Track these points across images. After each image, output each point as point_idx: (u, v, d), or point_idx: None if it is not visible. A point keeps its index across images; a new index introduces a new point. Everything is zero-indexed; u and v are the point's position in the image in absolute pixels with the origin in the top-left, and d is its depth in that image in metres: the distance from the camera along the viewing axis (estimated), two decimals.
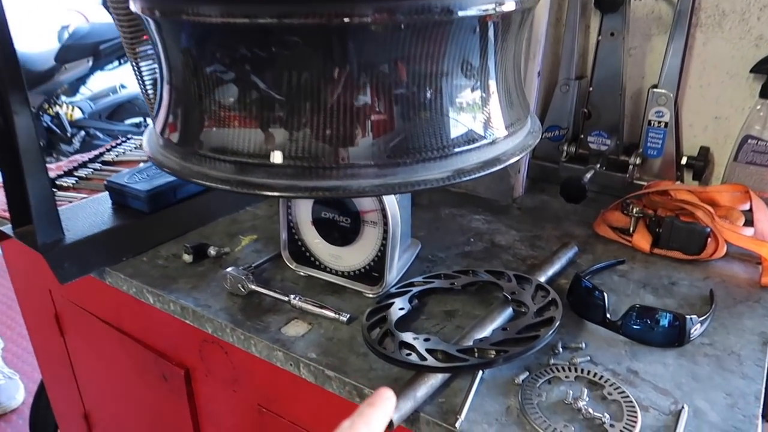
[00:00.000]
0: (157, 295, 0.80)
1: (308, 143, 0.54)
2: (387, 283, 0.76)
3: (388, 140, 0.54)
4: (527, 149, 0.64)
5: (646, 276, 0.82)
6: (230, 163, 0.56)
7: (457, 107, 0.56)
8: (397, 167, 0.55)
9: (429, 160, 0.56)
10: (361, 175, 0.54)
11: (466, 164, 0.58)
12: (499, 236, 0.93)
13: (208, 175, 0.57)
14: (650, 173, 1.05)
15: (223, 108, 0.56)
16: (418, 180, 0.55)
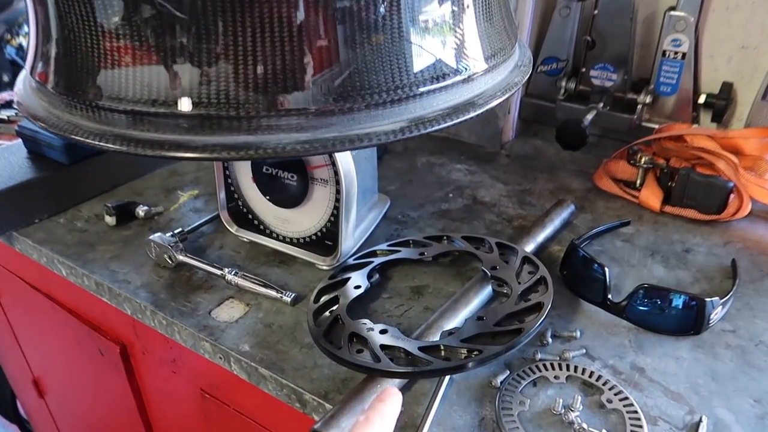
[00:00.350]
0: (69, 267, 0.67)
1: (208, 82, 0.39)
2: (343, 253, 0.63)
3: (321, 77, 0.39)
4: (512, 89, 0.49)
5: (655, 241, 0.68)
6: (108, 111, 0.41)
7: (418, 27, 0.41)
8: (332, 116, 0.40)
9: (377, 106, 0.41)
10: (281, 128, 0.40)
11: (428, 110, 0.43)
12: (483, 191, 0.79)
13: (78, 126, 0.43)
14: (662, 114, 0.90)
15: (92, 33, 0.40)
16: (360, 134, 0.41)
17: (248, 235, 0.68)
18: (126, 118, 0.41)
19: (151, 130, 0.41)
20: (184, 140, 0.40)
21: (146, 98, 0.40)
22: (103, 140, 0.41)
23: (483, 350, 0.48)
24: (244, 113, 0.39)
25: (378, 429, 0.36)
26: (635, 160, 0.77)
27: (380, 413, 0.37)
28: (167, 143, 0.40)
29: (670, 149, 0.78)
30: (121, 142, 0.41)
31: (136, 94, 0.40)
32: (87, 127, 0.42)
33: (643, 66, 0.92)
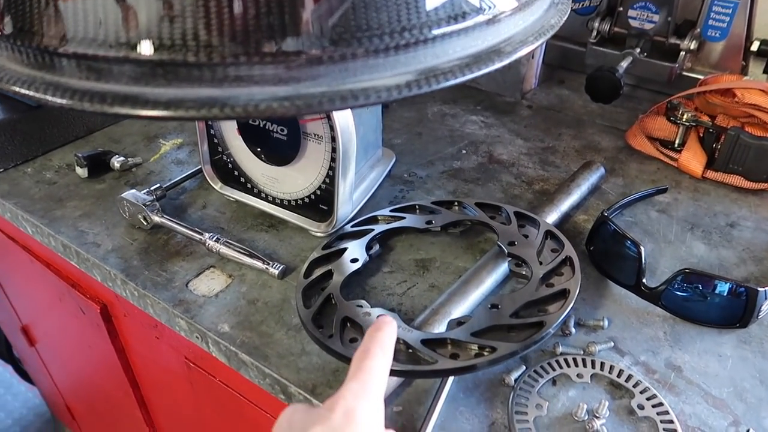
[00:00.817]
0: (34, 225, 0.60)
1: (160, 17, 0.30)
2: (339, 219, 0.55)
3: (306, 13, 0.30)
4: (547, 33, 0.40)
5: (696, 212, 0.60)
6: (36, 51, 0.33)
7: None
8: (319, 65, 0.32)
9: (377, 53, 0.32)
10: (254, 79, 0.31)
11: (442, 59, 0.34)
12: (501, 147, 0.71)
13: (3, 68, 0.34)
14: (707, 63, 0.80)
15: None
16: (355, 89, 0.32)
17: (234, 194, 0.61)
18: (60, 61, 0.32)
19: (91, 78, 0.32)
20: (132, 93, 0.32)
21: (83, 36, 0.31)
22: (33, 88, 0.33)
23: (497, 348, 0.41)
24: (206, 59, 0.31)
25: (379, 358, 0.34)
26: (675, 116, 0.68)
27: (379, 342, 0.35)
28: (110, 96, 0.32)
29: (716, 105, 0.68)
30: (54, 92, 0.32)
31: (72, 30, 0.32)
32: (13, 71, 0.34)
33: (689, 5, 0.81)
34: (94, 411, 1.13)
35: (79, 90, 0.32)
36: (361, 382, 0.32)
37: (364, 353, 0.35)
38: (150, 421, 0.90)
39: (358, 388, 0.32)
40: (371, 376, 0.33)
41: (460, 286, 0.48)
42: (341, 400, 0.31)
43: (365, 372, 0.33)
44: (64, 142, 0.71)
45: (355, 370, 0.33)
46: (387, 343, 0.36)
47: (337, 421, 0.30)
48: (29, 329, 1.10)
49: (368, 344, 0.35)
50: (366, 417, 0.31)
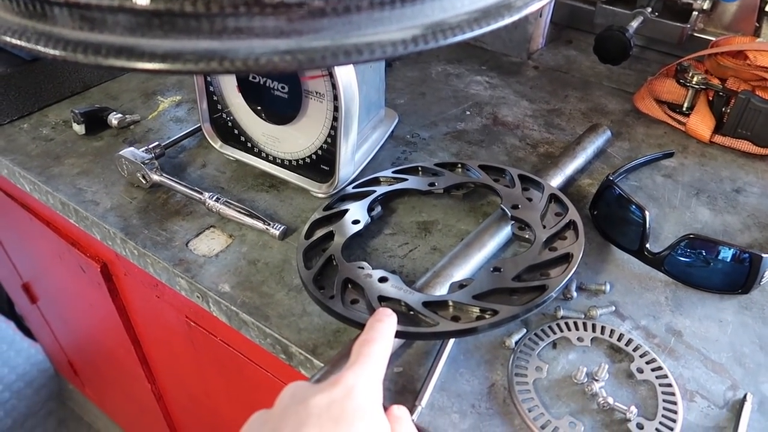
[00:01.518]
0: (32, 182, 0.59)
1: None
2: (341, 180, 0.54)
3: None
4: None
5: (702, 177, 0.59)
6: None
7: None
8: (322, 17, 0.30)
9: (383, 5, 0.31)
10: (255, 31, 0.30)
11: (449, 13, 0.33)
12: (506, 109, 0.69)
13: None
14: (719, 24, 0.78)
15: None
16: (359, 44, 0.31)
17: (234, 153, 0.60)
18: (52, 9, 0.31)
19: (85, 28, 0.31)
20: (127, 44, 0.30)
21: None
22: (23, 38, 0.32)
23: (498, 311, 0.40)
24: (205, 9, 0.29)
25: (379, 345, 0.36)
26: (685, 78, 0.66)
27: (379, 331, 0.37)
28: (105, 47, 0.31)
29: (727, 67, 0.66)
30: (46, 42, 0.31)
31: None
32: (2, 19, 0.33)
33: None
34: (96, 367, 1.15)
35: (72, 41, 0.31)
36: (362, 365, 0.34)
37: (364, 341, 0.36)
38: (151, 378, 0.91)
39: (359, 369, 0.34)
40: (371, 360, 0.34)
41: (462, 248, 0.48)
42: (342, 379, 0.33)
43: (366, 357, 0.35)
44: (61, 98, 0.69)
45: (356, 356, 0.35)
46: (387, 333, 0.37)
47: (338, 394, 0.32)
48: (30, 287, 1.11)
49: (369, 333, 0.37)
50: (365, 394, 0.32)
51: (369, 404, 0.32)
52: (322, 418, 0.31)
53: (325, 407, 0.31)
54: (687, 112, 0.67)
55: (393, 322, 0.38)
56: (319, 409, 0.31)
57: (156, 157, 0.58)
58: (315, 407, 0.31)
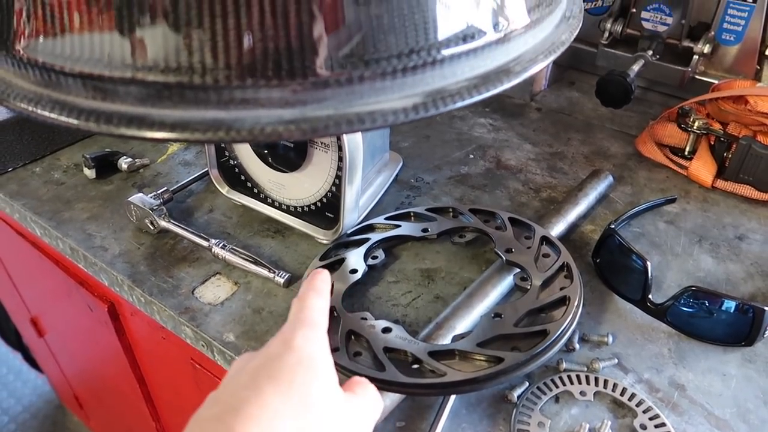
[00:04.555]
0: (43, 227, 0.60)
1: (166, 39, 0.30)
2: (345, 227, 0.55)
3: (312, 37, 0.30)
4: (558, 50, 0.39)
5: (704, 224, 0.60)
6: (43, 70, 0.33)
7: None
8: (326, 88, 0.31)
9: (385, 75, 0.32)
10: (261, 102, 0.31)
11: (449, 80, 0.34)
12: (509, 152, 0.70)
13: (9, 84, 0.34)
14: (720, 66, 0.79)
15: None
16: (361, 112, 0.32)
17: (241, 199, 0.61)
18: (68, 80, 0.32)
19: (98, 98, 0.32)
20: (138, 114, 0.32)
21: (89, 56, 0.31)
22: (39, 106, 0.33)
23: (504, 358, 0.41)
24: (213, 82, 0.30)
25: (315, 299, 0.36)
26: (686, 123, 0.67)
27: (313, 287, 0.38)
28: (117, 116, 0.32)
29: (728, 112, 0.67)
30: (60, 111, 0.32)
31: (79, 50, 0.31)
32: (20, 88, 0.34)
33: (703, 6, 0.79)
34: (101, 401, 1.15)
35: (85, 109, 0.32)
36: (299, 317, 0.34)
37: (300, 299, 0.36)
38: (156, 416, 0.91)
39: (295, 321, 0.34)
40: (309, 312, 0.35)
41: (465, 299, 0.48)
42: (279, 334, 0.33)
43: (302, 310, 0.35)
44: (72, 141, 0.71)
45: (294, 312, 0.35)
46: (321, 287, 0.38)
47: (275, 350, 0.31)
48: (38, 321, 1.12)
49: (303, 291, 0.37)
50: (305, 346, 0.32)
51: (311, 356, 0.32)
52: (259, 377, 0.30)
53: (262, 366, 0.31)
54: (689, 156, 0.67)
55: (326, 276, 0.40)
56: (255, 370, 0.30)
57: (164, 203, 0.59)
58: (252, 369, 0.31)
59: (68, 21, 0.31)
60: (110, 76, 0.31)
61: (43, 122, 0.33)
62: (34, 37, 0.32)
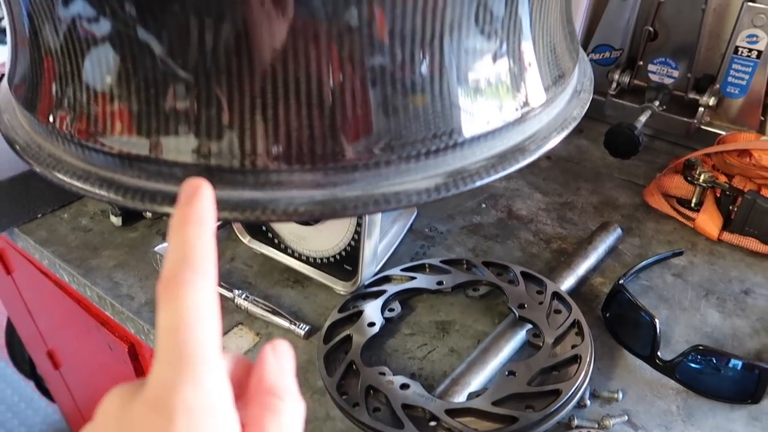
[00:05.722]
0: (72, 274, 0.62)
1: (208, 129, 0.32)
2: (363, 279, 0.57)
3: (344, 128, 0.33)
4: (569, 126, 0.42)
5: (711, 277, 0.61)
6: (93, 150, 0.35)
7: (468, 87, 0.34)
8: (354, 171, 0.34)
9: (409, 159, 0.34)
10: (294, 184, 0.34)
11: (469, 160, 0.36)
12: (520, 202, 0.72)
13: (61, 161, 0.37)
14: (725, 117, 0.81)
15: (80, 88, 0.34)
16: (388, 193, 0.34)
17: (262, 248, 0.63)
18: (115, 160, 0.35)
19: (143, 178, 0.35)
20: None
21: (136, 139, 0.34)
22: (88, 183, 0.36)
23: (518, 418, 0.42)
24: (251, 166, 0.33)
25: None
26: (692, 175, 0.69)
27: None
28: (160, 195, 0.34)
29: (733, 165, 0.69)
30: (108, 188, 0.35)
31: (126, 136, 0.34)
32: (70, 164, 0.37)
33: (709, 59, 0.82)
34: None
35: (130, 188, 0.35)
36: (179, 361, 0.21)
37: (178, 239, 0.23)
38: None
39: (174, 372, 0.21)
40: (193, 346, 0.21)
41: (479, 354, 0.50)
42: (154, 371, 0.21)
43: (184, 345, 0.21)
44: None
45: (167, 341, 0.21)
46: (203, 213, 0.23)
47: (146, 420, 0.20)
48: (54, 353, 1.14)
49: (178, 224, 0.23)
50: (193, 402, 0.20)
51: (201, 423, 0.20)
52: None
53: None
54: (695, 207, 0.69)
55: (209, 195, 0.24)
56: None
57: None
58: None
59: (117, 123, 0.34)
60: (156, 159, 0.34)
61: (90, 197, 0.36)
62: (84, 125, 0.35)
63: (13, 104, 0.42)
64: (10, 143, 0.39)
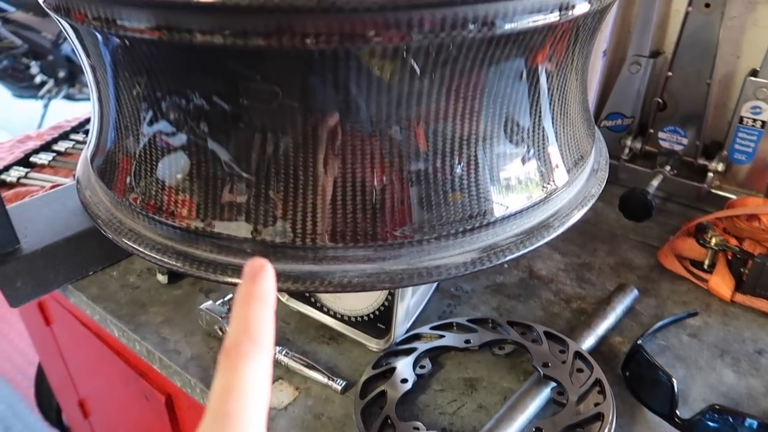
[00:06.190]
0: (121, 329, 0.67)
1: (275, 214, 0.37)
2: (395, 337, 0.61)
3: (393, 220, 0.37)
4: (588, 203, 0.47)
5: (725, 337, 0.64)
6: (171, 227, 0.40)
7: (499, 184, 0.39)
8: (401, 248, 0.38)
9: (448, 237, 0.39)
10: (348, 258, 0.38)
11: (500, 237, 0.41)
12: (540, 262, 0.76)
13: (140, 235, 0.42)
14: (734, 182, 0.85)
15: (160, 177, 0.39)
16: (430, 267, 0.39)
17: (298, 306, 0.67)
18: (191, 235, 0.40)
19: (215, 252, 0.40)
20: None
21: (212, 219, 0.39)
22: (165, 256, 0.41)
23: None
24: (310, 243, 0.38)
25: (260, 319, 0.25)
26: (704, 239, 0.73)
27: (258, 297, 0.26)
28: (231, 267, 0.39)
29: (742, 229, 0.73)
30: (184, 261, 0.40)
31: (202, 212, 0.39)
32: (149, 238, 0.42)
33: (716, 127, 0.87)
34: None
35: (204, 261, 0.39)
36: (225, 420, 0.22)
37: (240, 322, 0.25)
38: None
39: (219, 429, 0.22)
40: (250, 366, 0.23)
41: (506, 412, 0.53)
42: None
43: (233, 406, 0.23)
44: None
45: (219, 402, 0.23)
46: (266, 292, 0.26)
47: None
48: (85, 402, 1.17)
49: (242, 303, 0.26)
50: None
51: None
52: None
53: None
54: (708, 269, 0.73)
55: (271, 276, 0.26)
56: None
57: (230, 309, 0.65)
58: None
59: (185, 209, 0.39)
60: (227, 235, 0.39)
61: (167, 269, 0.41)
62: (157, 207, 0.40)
63: (94, 180, 0.47)
64: (93, 218, 0.45)
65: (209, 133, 0.35)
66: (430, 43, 0.31)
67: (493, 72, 0.34)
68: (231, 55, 0.31)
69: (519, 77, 0.37)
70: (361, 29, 0.29)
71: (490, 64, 0.34)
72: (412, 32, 0.30)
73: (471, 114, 0.35)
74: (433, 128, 0.35)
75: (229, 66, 0.32)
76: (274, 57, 0.31)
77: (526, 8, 0.33)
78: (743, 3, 0.81)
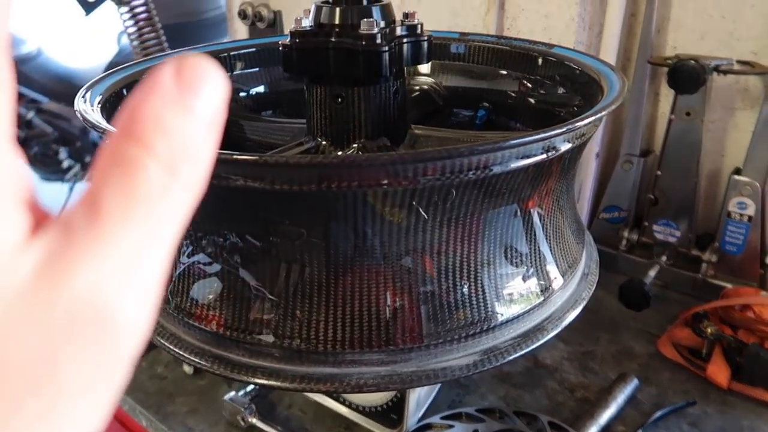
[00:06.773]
0: (149, 419, 0.71)
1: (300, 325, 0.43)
2: (408, 427, 0.65)
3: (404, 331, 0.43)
4: (580, 305, 0.51)
5: (723, 425, 0.67)
6: (207, 333, 0.46)
7: (502, 298, 0.45)
8: (411, 352, 0.43)
9: (452, 342, 0.44)
10: (364, 362, 0.43)
11: (499, 340, 0.46)
12: (544, 351, 0.80)
13: (180, 339, 0.47)
14: (728, 271, 0.90)
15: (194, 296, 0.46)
16: (437, 369, 0.44)
17: (316, 396, 0.71)
18: (225, 341, 0.45)
19: (245, 356, 0.45)
20: (275, 368, 0.44)
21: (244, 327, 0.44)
22: (198, 356, 0.46)
23: None
24: (331, 349, 0.43)
25: None
26: (701, 329, 0.77)
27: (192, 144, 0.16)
28: (260, 369, 0.44)
29: (737, 318, 0.77)
30: (218, 365, 0.45)
31: (236, 323, 0.45)
32: (185, 341, 0.47)
33: (707, 219, 0.93)
34: None
35: (237, 364, 0.45)
36: None
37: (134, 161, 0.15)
38: None
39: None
40: None
41: None
42: None
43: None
44: None
45: None
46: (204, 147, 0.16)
47: None
48: None
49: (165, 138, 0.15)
50: None
51: None
52: None
53: None
54: (705, 357, 0.76)
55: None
56: None
57: (252, 399, 0.69)
58: None
59: (214, 322, 0.45)
60: (258, 341, 0.44)
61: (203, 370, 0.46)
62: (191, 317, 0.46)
63: None
64: None
65: (241, 263, 0.42)
66: (433, 185, 0.37)
67: (489, 206, 0.41)
68: (267, 199, 0.38)
69: (514, 215, 0.43)
70: (375, 178, 0.36)
71: (486, 200, 0.40)
72: (418, 180, 0.37)
73: (473, 244, 0.41)
74: (439, 257, 0.41)
75: (262, 211, 0.39)
76: (304, 200, 0.38)
77: (515, 154, 0.39)
78: (722, 109, 0.89)
